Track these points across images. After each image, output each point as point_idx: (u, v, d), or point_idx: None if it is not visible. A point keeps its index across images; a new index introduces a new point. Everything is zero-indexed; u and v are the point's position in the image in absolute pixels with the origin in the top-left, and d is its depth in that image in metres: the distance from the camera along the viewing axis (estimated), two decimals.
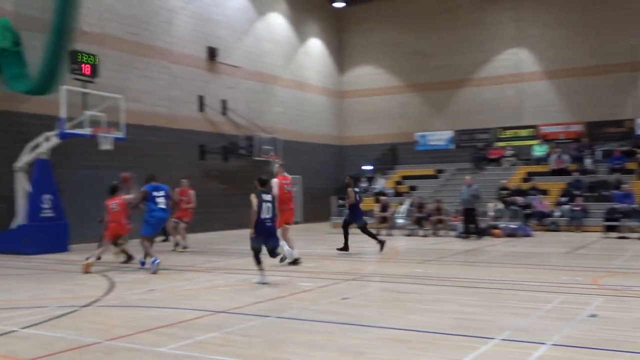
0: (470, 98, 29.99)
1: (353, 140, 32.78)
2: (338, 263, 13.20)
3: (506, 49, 29.27)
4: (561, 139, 27.66)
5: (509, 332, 6.43)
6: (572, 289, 9.19)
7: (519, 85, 29.03)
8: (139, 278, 11.12)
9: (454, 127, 30.32)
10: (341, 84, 33.14)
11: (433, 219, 21.10)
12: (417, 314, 7.50)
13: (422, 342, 6.09)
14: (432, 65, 30.65)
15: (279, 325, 6.96)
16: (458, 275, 11.04)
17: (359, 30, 32.75)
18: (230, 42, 25.86)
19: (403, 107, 31.50)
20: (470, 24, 29.88)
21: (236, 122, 25.67)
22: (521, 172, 26.43)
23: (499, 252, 15.52)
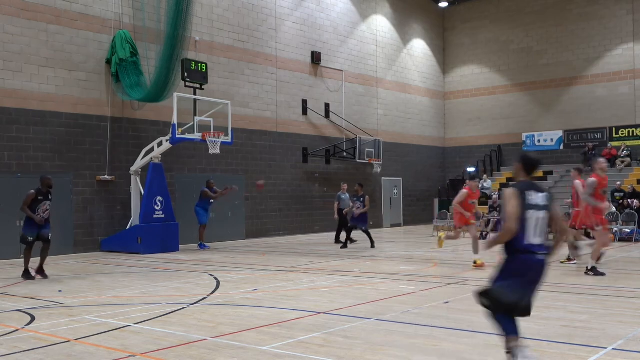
0: (580, 96, 28.68)
1: (456, 142, 32.21)
2: (440, 267, 13.04)
3: (621, 44, 27.75)
4: None
5: (621, 341, 6.13)
6: None
7: (634, 82, 27.46)
8: (245, 278, 11.47)
9: (564, 127, 29.09)
10: (445, 85, 32.66)
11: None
12: (523, 320, 7.27)
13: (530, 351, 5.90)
14: (541, 62, 29.59)
15: (379, 327, 6.98)
16: (566, 281, 10.61)
17: (464, 29, 32.16)
18: (334, 46, 26.14)
19: (509, 107, 30.59)
20: (582, 19, 28.59)
21: (339, 125, 25.91)
22: (637, 173, 24.98)
23: (611, 257, 14.75)
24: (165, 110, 17.91)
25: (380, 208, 28.04)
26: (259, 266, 13.35)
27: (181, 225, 17.86)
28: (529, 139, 29.99)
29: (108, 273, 12.61)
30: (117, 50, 17.81)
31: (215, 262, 14.20)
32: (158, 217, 17.14)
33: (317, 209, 24.66)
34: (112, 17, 18.23)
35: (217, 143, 17.51)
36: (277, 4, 23.46)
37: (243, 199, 21.51)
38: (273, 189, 22.89)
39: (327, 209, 25.09)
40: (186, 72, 17.50)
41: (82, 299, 9.19)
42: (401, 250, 17.05)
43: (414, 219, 28.93)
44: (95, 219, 17.57)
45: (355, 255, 15.52)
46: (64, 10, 17.18)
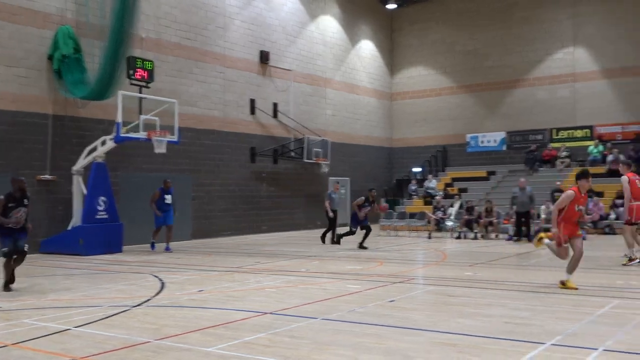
0: (523, 99, 29.45)
1: (403, 143, 32.62)
2: (386, 266, 13.16)
3: (562, 48, 28.62)
4: (618, 140, 26.89)
5: (560, 337, 6.30)
6: (627, 294, 8.94)
7: (573, 85, 28.36)
8: (190, 279, 11.34)
9: (507, 128, 29.82)
10: (392, 86, 33.02)
11: (483, 222, 20.82)
12: (466, 317, 7.42)
13: (471, 347, 6.02)
14: (485, 65, 30.25)
15: (325, 327, 7.00)
16: (508, 278, 10.88)
17: (411, 31, 32.58)
18: (283, 46, 26.10)
19: (454, 108, 31.16)
20: (524, 22, 29.35)
21: (287, 125, 25.88)
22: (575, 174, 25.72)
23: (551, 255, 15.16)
24: (110, 108, 17.51)
25: None
26: (205, 267, 13.22)
27: (126, 225, 17.51)
28: (473, 140, 30.62)
29: (48, 275, 12.26)
30: (60, 46, 17.32)
31: (160, 263, 13.99)
32: (101, 218, 16.76)
33: (265, 209, 24.60)
34: (55, 12, 17.73)
35: (163, 142, 17.24)
36: (225, 2, 23.27)
37: (189, 198, 21.26)
38: (220, 189, 22.70)
39: (276, 209, 25.11)
40: (132, 69, 17.17)
41: (21, 302, 8.91)
42: (348, 249, 17.15)
43: None
44: (35, 220, 17.00)
45: (302, 255, 15.54)
46: (3, 3, 16.63)
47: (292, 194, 26.06)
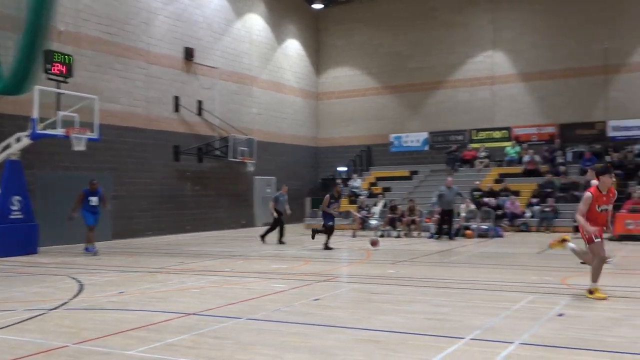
0: (445, 100, 30.22)
1: (329, 142, 32.84)
2: (311, 264, 13.22)
3: (482, 52, 29.53)
4: (534, 141, 28.01)
5: (478, 331, 6.50)
6: (541, 289, 9.32)
7: (493, 87, 29.32)
8: (110, 280, 11.02)
9: (429, 128, 30.52)
10: (318, 85, 33.18)
11: (406, 220, 21.24)
12: (389, 314, 7.55)
13: (393, 343, 6.13)
14: (409, 66, 30.84)
15: (250, 326, 6.95)
16: (430, 275, 11.14)
17: (337, 31, 32.83)
18: (208, 43, 25.76)
19: (379, 108, 31.63)
20: (447, 26, 30.11)
21: (212, 123, 25.57)
22: (494, 173, 26.70)
23: (471, 252, 15.68)
24: (26, 103, 16.73)
25: (253, 207, 28.00)
26: (126, 268, 12.89)
27: (42, 226, 16.82)
28: (397, 140, 31.18)
29: None
30: None
31: (79, 265, 13.54)
32: (15, 218, 16.03)
33: (189, 208, 24.22)
34: None
35: (82, 140, 16.67)
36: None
37: (110, 197, 20.64)
38: (143, 188, 22.19)
39: (200, 208, 24.76)
40: (49, 63, 16.50)
41: None
42: (273, 248, 17.13)
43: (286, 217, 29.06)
44: None
45: (227, 255, 15.40)
46: None
47: (217, 193, 25.78)
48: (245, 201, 27.62)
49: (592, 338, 6.20)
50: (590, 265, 8.86)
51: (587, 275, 10.77)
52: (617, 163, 24.50)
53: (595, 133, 26.97)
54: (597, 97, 27.09)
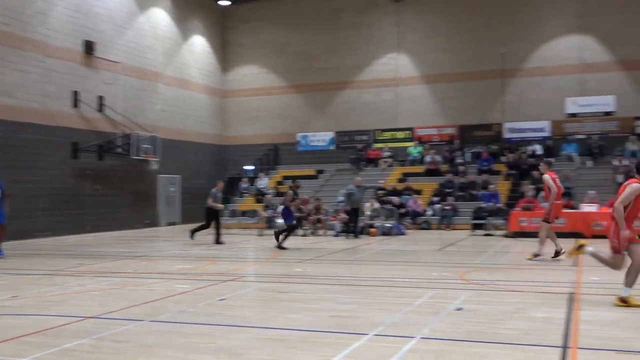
0: (350, 100, 30.68)
1: (235, 140, 32.58)
2: (216, 264, 13.07)
3: (386, 53, 30.18)
4: (435, 141, 28.96)
5: (382, 327, 6.64)
6: (441, 284, 9.65)
7: (396, 89, 30.05)
8: (3, 284, 10.44)
9: (335, 128, 30.90)
10: (224, 83, 32.83)
11: (312, 219, 21.42)
12: (295, 313, 7.58)
13: (299, 341, 6.16)
14: (315, 66, 31.08)
15: (153, 329, 6.79)
16: (335, 273, 11.28)
17: (244, 29, 32.60)
18: (110, 37, 24.90)
19: (285, 107, 31.70)
20: (353, 27, 30.56)
21: (113, 120, 24.76)
22: (397, 173, 27.39)
23: (375, 250, 16.01)
24: None
25: (157, 206, 27.37)
26: (21, 270, 12.25)
27: None
28: (304, 139, 31.37)
29: None
30: None
31: None
32: None
33: (89, 208, 23.33)
34: None
35: None
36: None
37: None
38: (38, 187, 21.18)
39: (101, 208, 23.91)
40: None
41: None
42: (178, 248, 16.81)
43: (192, 217, 28.60)
44: None
45: (129, 256, 14.96)
46: None
47: (119, 192, 24.99)
48: (149, 200, 26.94)
49: (488, 331, 6.48)
50: (616, 269, 8.03)
51: (483, 271, 11.25)
52: (512, 163, 25.76)
53: (492, 134, 28.22)
54: (494, 100, 28.35)
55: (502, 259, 13.75)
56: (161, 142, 26.28)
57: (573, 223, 18.43)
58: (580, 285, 9.44)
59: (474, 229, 20.93)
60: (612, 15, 26.45)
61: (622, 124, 26.53)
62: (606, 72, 26.75)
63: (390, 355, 5.54)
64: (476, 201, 22.97)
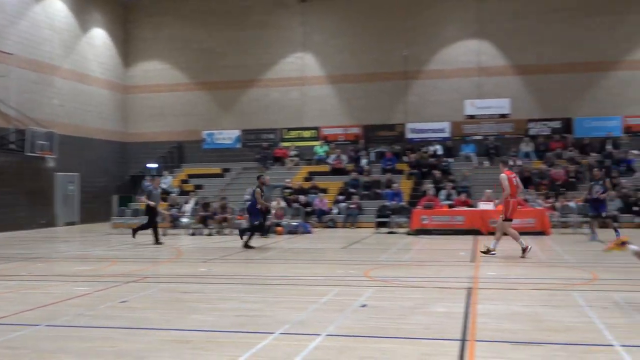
0: (257, 98, 30.58)
1: (138, 137, 31.70)
2: (118, 265, 12.67)
3: (293, 53, 30.31)
4: (340, 141, 29.38)
5: (288, 325, 6.66)
6: (346, 282, 9.79)
7: (302, 88, 30.23)
8: None
9: (241, 126, 30.72)
10: (127, 78, 31.86)
11: (218, 218, 21.20)
12: (200, 313, 7.47)
13: (204, 342, 6.08)
14: (222, 64, 30.73)
15: (50, 333, 6.49)
16: (241, 272, 11.22)
17: (147, 24, 31.75)
18: (2, 27, 23.58)
19: (191, 104, 31.18)
20: (260, 26, 30.46)
21: (6, 114, 23.46)
22: (303, 172, 27.57)
23: (281, 248, 16.04)
24: None
25: (54, 205, 26.19)
26: None
27: None
28: (209, 136, 30.99)
29: None
30: None
31: None
32: None
33: None
34: None
35: None
36: None
37: None
38: None
39: None
40: None
41: None
42: (77, 249, 16.17)
43: (91, 216, 27.62)
44: None
45: (24, 257, 14.24)
46: None
47: (13, 190, 23.71)
48: (45, 199, 25.73)
49: (391, 326, 6.64)
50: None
51: (387, 268, 11.52)
52: (414, 163, 26.52)
53: (395, 134, 28.96)
54: (398, 101, 29.09)
55: (405, 256, 14.12)
56: (58, 138, 25.19)
57: (471, 220, 19.21)
58: (478, 280, 9.84)
59: (378, 227, 21.38)
60: (507, 23, 27.80)
61: (517, 126, 27.94)
62: (501, 76, 28.08)
63: (296, 353, 5.57)
64: (380, 200, 23.49)
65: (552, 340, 5.92)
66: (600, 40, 26.98)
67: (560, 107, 27.52)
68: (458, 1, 28.72)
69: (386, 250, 14.99)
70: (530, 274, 10.63)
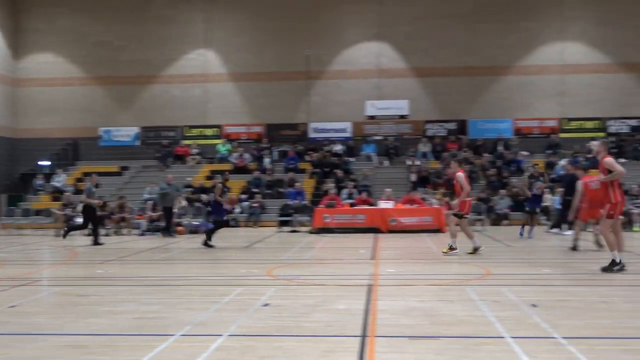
0: (158, 95, 29.89)
1: (30, 133, 30.15)
2: (5, 268, 12.01)
3: (195, 49, 29.85)
4: (243, 139, 29.23)
5: (189, 327, 6.55)
6: (249, 281, 9.76)
7: (205, 85, 29.84)
8: None
9: (141, 123, 29.94)
10: (17, 71, 30.24)
11: (116, 217, 20.56)
12: (96, 317, 7.21)
13: (101, 346, 5.88)
14: (121, 58, 29.80)
15: None
16: (141, 274, 10.94)
17: (39, 14, 30.26)
18: None
19: (87, 100, 30.03)
20: (161, 20, 29.78)
21: None
22: (205, 170, 27.22)
23: (182, 249, 15.78)
24: None
25: None
26: None
27: None
28: (107, 133, 29.99)
29: None
30: None
31: None
32: None
33: None
34: None
35: None
36: None
37: None
38: None
39: None
40: None
41: None
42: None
43: None
44: None
45: None
46: None
47: None
48: None
49: (293, 325, 6.68)
50: None
51: (289, 266, 11.58)
52: (317, 162, 26.79)
53: (298, 134, 29.15)
54: (300, 100, 29.29)
55: (307, 255, 14.24)
56: None
57: (371, 219, 19.63)
58: (378, 277, 10.08)
59: (281, 226, 21.44)
60: (406, 26, 28.64)
61: (415, 127, 28.85)
62: (401, 78, 28.90)
63: (198, 355, 5.49)
64: (283, 199, 23.57)
65: (447, 333, 6.16)
66: (493, 46, 28.32)
67: (456, 110, 28.67)
68: (359, 4, 29.29)
69: (289, 249, 15.06)
70: (427, 270, 11.01)
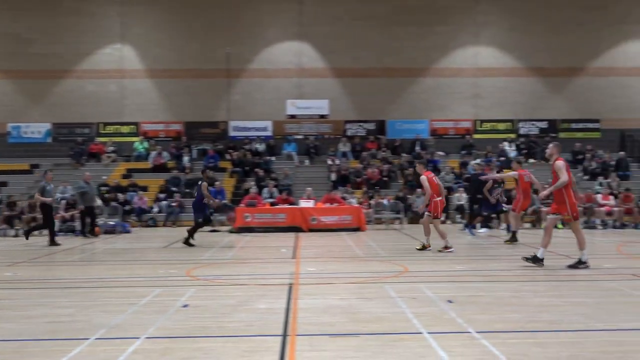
0: (71, 90, 28.86)
1: None
2: None
3: (110, 44, 29.02)
4: (161, 137, 28.66)
5: (104, 330, 6.37)
6: (168, 282, 9.58)
7: (121, 81, 29.05)
8: None
9: (53, 119, 28.82)
10: None
11: (26, 218, 19.73)
12: (6, 322, 6.90)
13: (12, 352, 5.63)
14: (30, 51, 28.56)
15: None
16: (52, 276, 10.56)
17: None
18: None
19: None
20: (74, 13, 28.75)
21: None
22: (121, 168, 26.51)
23: (97, 249, 15.33)
24: None
25: None
26: None
27: None
28: (15, 130, 28.72)
29: None
30: None
31: None
32: None
33: None
34: None
35: None
36: None
37: None
38: None
39: None
40: None
41: None
42: None
43: None
44: None
45: None
46: None
47: None
48: None
49: (213, 325, 6.61)
50: None
51: (208, 267, 11.46)
52: (237, 161, 26.61)
53: (218, 132, 28.86)
54: (221, 98, 29.00)
55: (227, 254, 14.12)
56: None
57: (292, 217, 19.67)
58: (299, 276, 10.12)
59: None
60: (326, 27, 28.88)
61: (335, 127, 29.13)
62: (321, 78, 29.12)
63: (114, 358, 5.36)
64: None
65: (366, 330, 6.26)
66: (411, 49, 28.97)
67: (375, 110, 29.15)
68: (279, 3, 29.29)
69: (208, 249, 14.88)
70: (346, 268, 11.15)
